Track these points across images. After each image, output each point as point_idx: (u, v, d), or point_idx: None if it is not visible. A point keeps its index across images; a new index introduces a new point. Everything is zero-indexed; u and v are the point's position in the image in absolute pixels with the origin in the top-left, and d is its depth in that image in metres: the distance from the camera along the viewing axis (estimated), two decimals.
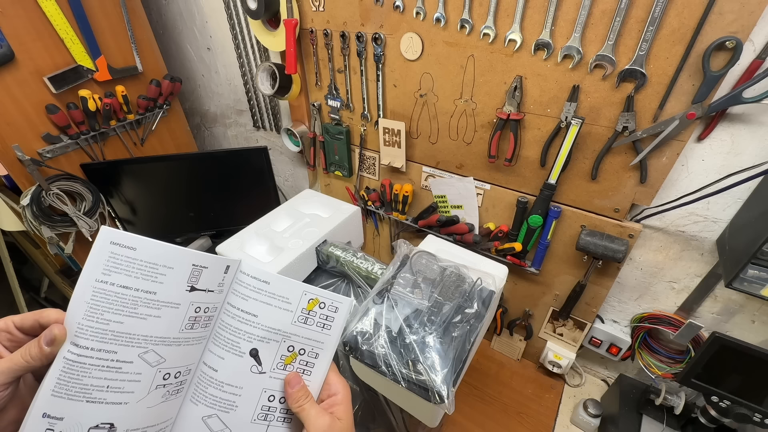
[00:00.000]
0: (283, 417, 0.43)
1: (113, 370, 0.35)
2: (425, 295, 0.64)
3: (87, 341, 0.34)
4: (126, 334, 0.35)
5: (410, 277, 0.67)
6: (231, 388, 0.41)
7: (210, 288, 0.39)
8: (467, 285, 0.66)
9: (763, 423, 0.79)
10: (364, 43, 1.01)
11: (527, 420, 1.11)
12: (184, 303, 0.38)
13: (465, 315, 0.62)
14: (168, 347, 0.37)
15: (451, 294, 0.64)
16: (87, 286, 0.34)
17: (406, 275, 0.68)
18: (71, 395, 0.34)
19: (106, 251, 0.34)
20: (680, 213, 0.85)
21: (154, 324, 0.36)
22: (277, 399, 0.43)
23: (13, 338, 0.35)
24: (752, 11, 0.60)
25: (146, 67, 1.40)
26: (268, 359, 0.43)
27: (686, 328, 0.89)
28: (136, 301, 0.35)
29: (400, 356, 0.58)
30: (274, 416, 0.43)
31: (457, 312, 0.62)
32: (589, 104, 0.79)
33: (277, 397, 0.43)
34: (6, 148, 1.12)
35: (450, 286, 0.66)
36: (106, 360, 0.35)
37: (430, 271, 0.68)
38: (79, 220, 1.29)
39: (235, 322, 0.41)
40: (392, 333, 0.60)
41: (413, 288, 0.66)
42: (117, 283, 0.34)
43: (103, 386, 0.35)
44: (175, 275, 0.37)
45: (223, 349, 0.41)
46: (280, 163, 1.65)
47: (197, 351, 0.40)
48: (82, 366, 0.34)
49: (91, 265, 0.34)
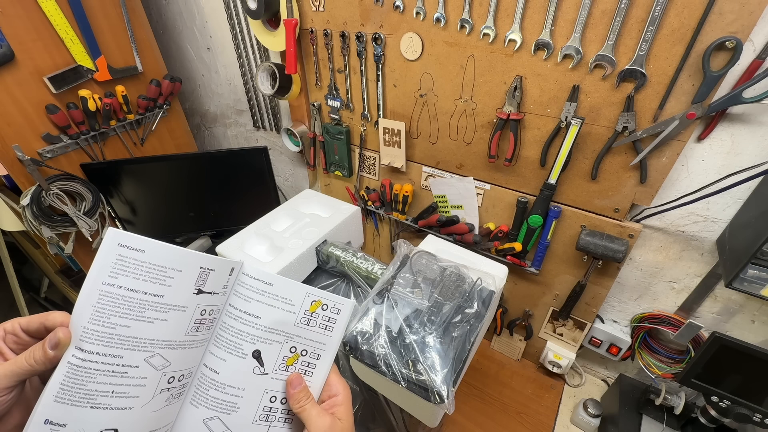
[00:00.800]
0: (285, 417, 0.43)
1: (119, 375, 0.34)
2: (425, 295, 0.64)
3: (92, 345, 0.33)
4: (132, 338, 0.35)
5: (410, 277, 0.67)
6: (233, 389, 0.41)
7: (215, 290, 0.39)
8: (467, 285, 0.66)
9: (763, 423, 0.79)
10: (364, 43, 1.01)
11: (527, 420, 1.11)
12: (191, 306, 0.38)
13: (465, 315, 0.62)
14: (173, 350, 0.37)
15: (451, 294, 0.64)
16: (93, 289, 0.33)
17: (406, 275, 0.68)
18: (75, 401, 0.33)
19: (114, 253, 0.33)
20: (680, 213, 0.85)
21: (161, 327, 0.36)
22: (279, 400, 0.43)
23: (19, 341, 0.35)
24: (752, 11, 0.60)
25: (146, 67, 1.40)
26: (271, 360, 0.43)
27: (686, 328, 0.89)
28: (143, 305, 0.35)
29: (400, 356, 0.58)
30: (276, 417, 0.43)
31: (457, 312, 0.63)
32: (589, 104, 0.79)
33: (279, 397, 0.43)
34: (6, 148, 1.12)
35: (450, 286, 0.66)
36: (111, 365, 0.34)
37: (430, 271, 0.68)
38: (79, 220, 1.29)
39: (238, 323, 0.41)
40: (392, 333, 0.60)
41: (413, 288, 0.66)
42: (124, 286, 0.34)
43: (108, 391, 0.34)
44: (183, 278, 0.36)
45: (225, 351, 0.41)
46: (280, 163, 1.65)
47: (199, 353, 0.40)
48: (87, 371, 0.33)
49: (98, 267, 0.33)
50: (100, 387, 0.34)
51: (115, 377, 0.34)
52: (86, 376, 0.33)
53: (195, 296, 0.38)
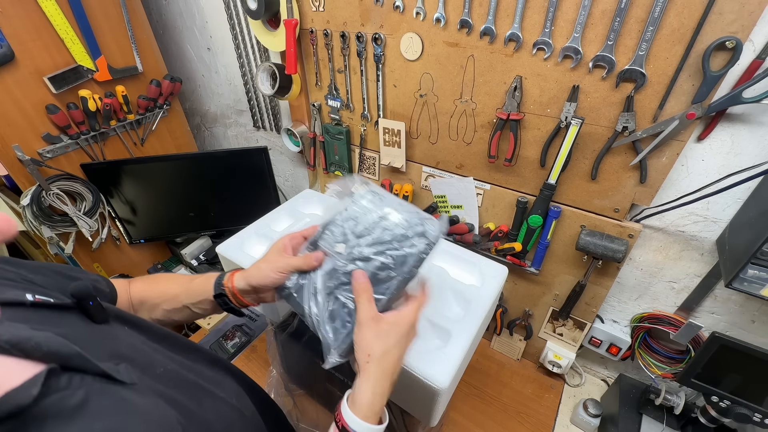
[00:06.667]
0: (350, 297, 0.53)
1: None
2: (344, 256, 0.55)
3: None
4: None
5: (340, 226, 0.57)
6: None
7: None
8: (397, 242, 0.54)
9: (763, 423, 0.79)
10: (364, 44, 1.01)
11: (527, 420, 1.11)
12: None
13: (384, 278, 0.54)
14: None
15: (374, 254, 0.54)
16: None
17: (342, 224, 0.57)
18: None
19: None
20: (680, 213, 0.85)
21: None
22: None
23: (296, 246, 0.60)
24: (752, 11, 0.60)
25: (146, 67, 1.40)
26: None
27: (686, 328, 0.89)
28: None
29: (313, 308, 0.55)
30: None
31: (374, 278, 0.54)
32: (588, 104, 0.79)
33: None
34: (6, 148, 1.12)
35: (380, 242, 0.54)
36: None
37: (364, 220, 0.56)
38: (79, 220, 1.29)
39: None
40: (313, 286, 0.55)
41: (342, 241, 0.56)
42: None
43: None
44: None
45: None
46: (280, 163, 1.65)
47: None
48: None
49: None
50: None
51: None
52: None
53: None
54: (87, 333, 0.42)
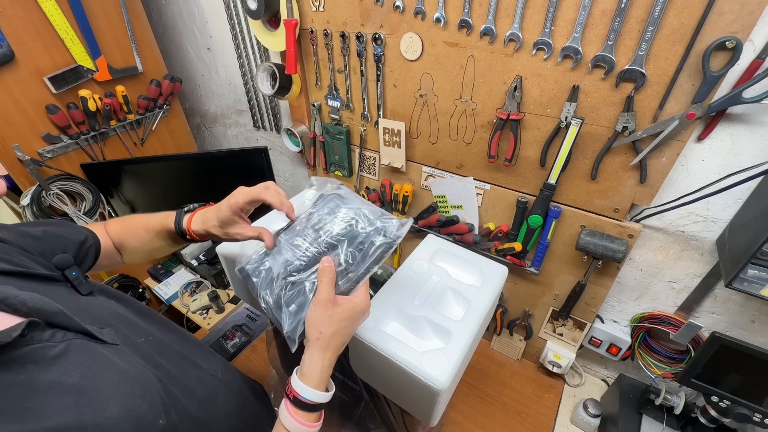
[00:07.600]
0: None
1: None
2: (299, 254, 0.58)
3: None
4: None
5: (303, 226, 0.61)
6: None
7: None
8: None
9: (763, 423, 0.79)
10: (364, 44, 1.01)
11: (527, 420, 1.11)
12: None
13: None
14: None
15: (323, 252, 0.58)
16: None
17: (305, 220, 0.62)
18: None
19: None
20: (680, 213, 0.85)
21: None
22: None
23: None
24: (752, 11, 0.60)
25: (146, 67, 1.40)
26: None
27: (686, 328, 0.89)
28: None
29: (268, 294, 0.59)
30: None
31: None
32: (588, 104, 0.79)
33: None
34: (6, 148, 1.12)
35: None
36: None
37: (328, 219, 0.60)
38: (79, 220, 1.29)
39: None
40: (271, 273, 0.59)
41: (302, 240, 0.59)
42: None
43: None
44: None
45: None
46: (280, 163, 1.65)
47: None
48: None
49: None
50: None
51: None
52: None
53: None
54: (73, 301, 0.47)
